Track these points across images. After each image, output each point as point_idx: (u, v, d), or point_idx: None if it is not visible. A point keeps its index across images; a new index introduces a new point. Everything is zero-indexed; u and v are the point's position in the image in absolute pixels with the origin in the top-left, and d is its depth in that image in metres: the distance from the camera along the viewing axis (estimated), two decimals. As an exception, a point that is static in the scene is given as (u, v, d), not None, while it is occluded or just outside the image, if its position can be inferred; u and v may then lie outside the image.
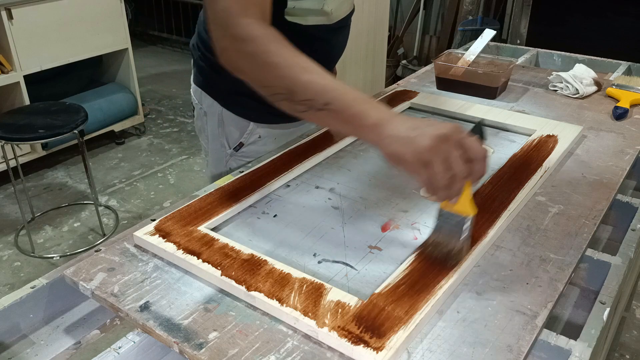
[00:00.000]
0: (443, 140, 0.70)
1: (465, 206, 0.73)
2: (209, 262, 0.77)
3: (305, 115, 0.79)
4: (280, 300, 0.70)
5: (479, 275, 0.77)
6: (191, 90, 1.23)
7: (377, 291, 0.71)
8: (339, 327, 0.66)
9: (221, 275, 0.74)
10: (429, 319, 0.69)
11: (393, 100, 1.33)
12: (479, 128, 0.79)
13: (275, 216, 0.92)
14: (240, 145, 1.16)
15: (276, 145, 1.17)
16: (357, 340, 0.64)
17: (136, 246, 0.83)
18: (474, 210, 0.73)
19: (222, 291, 0.74)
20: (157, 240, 0.81)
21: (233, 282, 0.73)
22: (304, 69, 0.78)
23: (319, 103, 0.76)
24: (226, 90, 1.12)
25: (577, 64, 1.48)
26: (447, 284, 0.72)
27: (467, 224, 0.73)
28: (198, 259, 0.77)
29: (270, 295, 0.71)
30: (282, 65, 0.78)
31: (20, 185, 2.64)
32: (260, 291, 0.71)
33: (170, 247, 0.80)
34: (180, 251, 0.79)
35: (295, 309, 0.69)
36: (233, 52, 0.82)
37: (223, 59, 0.84)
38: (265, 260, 0.77)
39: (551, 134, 1.13)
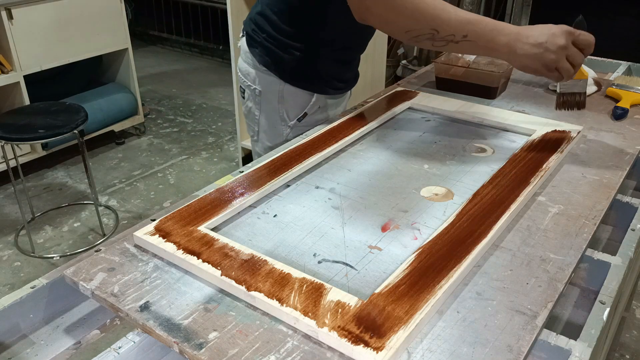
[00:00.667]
0: (563, 49, 0.96)
1: (581, 73, 1.05)
2: (209, 262, 0.77)
3: (444, 48, 1.01)
4: (280, 300, 0.70)
5: (479, 275, 0.77)
6: (241, 74, 1.32)
7: (377, 291, 0.72)
8: (339, 327, 0.66)
9: (221, 275, 0.74)
10: (429, 319, 0.69)
11: (393, 100, 1.33)
12: (581, 23, 1.01)
13: (275, 216, 0.92)
14: (305, 115, 1.28)
15: (327, 114, 1.31)
16: (357, 340, 0.64)
17: (136, 246, 0.83)
18: (586, 74, 1.07)
19: (222, 291, 0.74)
20: (157, 240, 0.81)
21: (233, 282, 0.73)
22: (443, 10, 0.98)
23: (458, 37, 0.99)
24: (292, 67, 1.23)
25: (577, 64, 1.47)
26: (447, 284, 0.72)
27: (587, 82, 1.06)
28: (198, 259, 0.77)
29: (270, 295, 0.71)
30: (425, 11, 0.98)
31: (20, 185, 2.64)
32: (260, 291, 0.71)
33: (170, 247, 0.80)
34: (180, 251, 0.79)
35: (295, 309, 0.69)
36: (381, 6, 1.00)
37: (368, 14, 1.03)
38: (265, 260, 0.77)
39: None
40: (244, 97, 1.34)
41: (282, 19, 1.21)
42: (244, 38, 1.31)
